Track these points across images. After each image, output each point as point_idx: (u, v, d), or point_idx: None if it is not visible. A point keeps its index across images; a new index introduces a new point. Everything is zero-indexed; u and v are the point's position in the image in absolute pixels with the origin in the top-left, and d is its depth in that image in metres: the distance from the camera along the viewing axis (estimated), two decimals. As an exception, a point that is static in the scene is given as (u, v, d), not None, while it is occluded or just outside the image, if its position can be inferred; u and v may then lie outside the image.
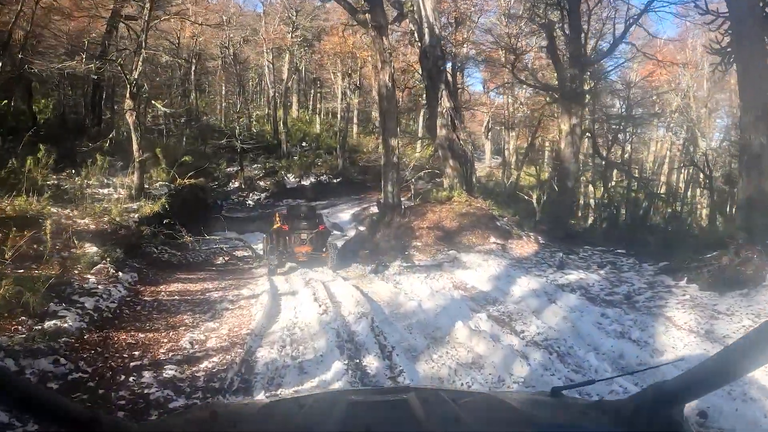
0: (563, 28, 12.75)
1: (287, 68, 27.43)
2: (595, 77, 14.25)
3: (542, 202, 15.20)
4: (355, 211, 18.66)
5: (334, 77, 28.08)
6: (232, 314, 5.30)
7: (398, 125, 13.33)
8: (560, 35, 13.11)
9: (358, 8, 10.68)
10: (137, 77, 11.73)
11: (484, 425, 1.01)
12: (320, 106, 33.71)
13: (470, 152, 12.39)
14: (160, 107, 14.85)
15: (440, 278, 7.01)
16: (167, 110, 16.32)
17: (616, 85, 18.12)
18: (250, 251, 10.39)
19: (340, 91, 26.59)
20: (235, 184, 22.79)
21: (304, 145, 26.66)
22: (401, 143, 14.49)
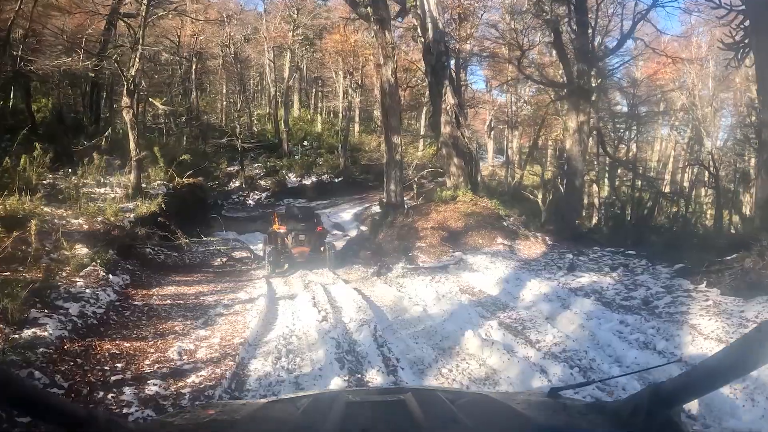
0: (569, 23, 12.42)
1: (288, 67, 27.21)
2: (601, 74, 13.91)
3: (547, 201, 14.88)
4: (356, 210, 18.41)
5: (335, 76, 27.83)
6: (225, 320, 4.98)
7: (401, 123, 13.02)
8: (565, 31, 12.77)
9: (359, 1, 10.38)
10: (134, 74, 11.47)
11: (481, 426, 0.99)
12: (322, 105, 33.48)
13: (475, 150, 12.05)
14: (158, 105, 14.59)
15: (446, 281, 6.67)
16: (166, 108, 16.06)
17: (621, 82, 17.82)
18: (248, 252, 10.12)
19: (341, 89, 26.34)
20: (235, 183, 22.58)
21: (305, 144, 26.42)
22: (403, 142, 14.17)
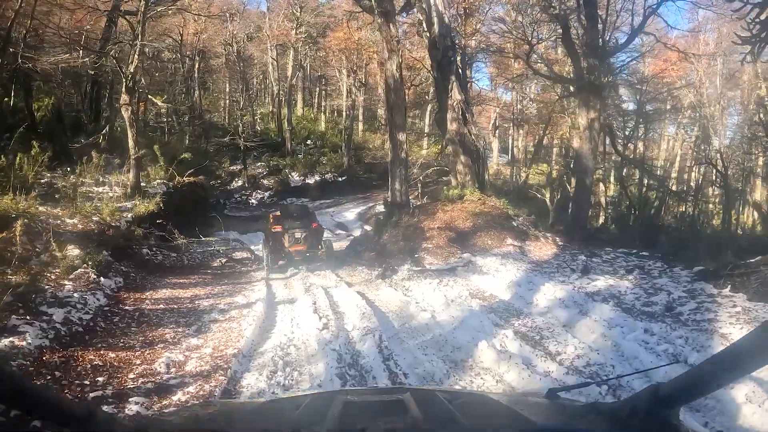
0: (578, 18, 12.05)
1: (291, 65, 26.97)
2: (609, 71, 13.50)
3: (555, 200, 14.50)
4: (360, 210, 18.11)
5: (339, 74, 27.54)
6: (220, 327, 4.66)
7: (405, 121, 12.67)
8: (573, 26, 12.40)
9: (363, -6, 10.06)
10: (133, 71, 11.20)
11: (479, 426, 0.97)
12: (325, 103, 33.22)
13: (482, 148, 11.69)
14: (158, 102, 14.33)
15: (455, 285, 6.31)
16: (166, 105, 15.81)
17: (629, 80, 17.40)
18: (249, 253, 9.83)
19: (345, 88, 26.04)
20: (238, 182, 22.35)
21: (308, 143, 26.17)
22: (408, 140, 13.82)
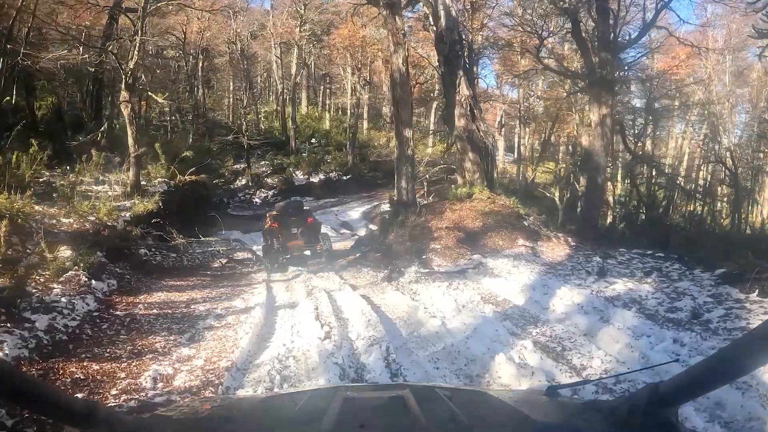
0: (589, 11, 11.67)
1: (296, 63, 26.71)
2: (621, 66, 13.10)
3: (565, 199, 14.12)
4: (365, 209, 17.80)
5: (343, 72, 27.23)
6: (215, 335, 4.35)
7: (412, 117, 12.34)
8: (583, 20, 12.01)
9: (368, -15, 9.72)
10: (133, 67, 10.96)
11: (479, 422, 0.96)
12: (330, 101, 32.94)
13: (491, 145, 11.31)
14: (159, 100, 14.07)
15: (465, 288, 5.97)
16: (167, 102, 15.56)
17: (638, 75, 16.97)
18: (250, 253, 9.55)
19: (349, 86, 25.72)
20: (242, 181, 22.11)
21: (313, 141, 25.91)
22: (413, 138, 13.47)
